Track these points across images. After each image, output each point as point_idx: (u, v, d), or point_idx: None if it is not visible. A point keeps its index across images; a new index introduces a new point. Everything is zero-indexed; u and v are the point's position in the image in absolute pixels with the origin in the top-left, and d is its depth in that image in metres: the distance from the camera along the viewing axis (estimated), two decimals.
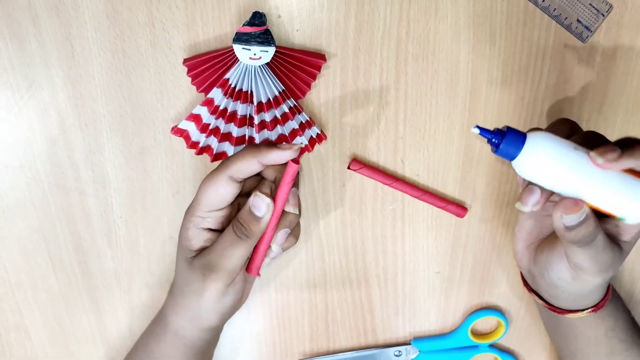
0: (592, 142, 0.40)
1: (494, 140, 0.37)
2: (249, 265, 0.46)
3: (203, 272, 0.45)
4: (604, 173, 0.38)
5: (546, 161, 0.37)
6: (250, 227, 0.44)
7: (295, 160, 0.42)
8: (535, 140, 0.37)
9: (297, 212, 0.46)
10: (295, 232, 0.48)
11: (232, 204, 0.46)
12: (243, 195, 0.47)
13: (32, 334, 0.56)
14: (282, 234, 0.45)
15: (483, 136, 0.38)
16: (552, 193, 0.39)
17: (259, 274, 0.46)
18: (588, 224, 0.39)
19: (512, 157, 0.37)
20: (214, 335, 0.50)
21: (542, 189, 0.39)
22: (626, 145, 0.38)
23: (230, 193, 0.44)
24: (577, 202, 0.39)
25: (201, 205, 0.45)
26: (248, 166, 0.43)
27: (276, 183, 0.46)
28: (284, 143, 0.43)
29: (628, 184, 0.38)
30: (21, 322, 0.55)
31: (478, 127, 0.38)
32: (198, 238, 0.46)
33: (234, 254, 0.44)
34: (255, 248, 0.45)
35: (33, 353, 0.57)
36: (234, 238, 0.44)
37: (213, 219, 0.46)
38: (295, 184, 0.46)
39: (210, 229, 0.46)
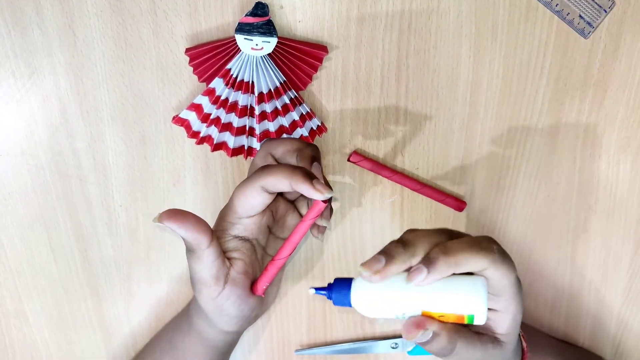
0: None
1: (329, 295, 0.39)
2: (254, 284, 0.46)
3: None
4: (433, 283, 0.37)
5: (373, 301, 0.38)
6: (192, 248, 0.43)
7: (324, 201, 0.41)
8: (356, 286, 0.38)
9: (329, 226, 0.46)
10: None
11: (262, 213, 0.45)
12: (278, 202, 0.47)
13: (31, 320, 0.56)
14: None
15: (320, 294, 0.40)
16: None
17: (262, 294, 0.46)
18: (438, 340, 0.38)
19: (349, 305, 0.39)
20: (235, 337, 0.51)
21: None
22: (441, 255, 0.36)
23: (261, 203, 0.44)
24: (418, 324, 0.37)
25: (231, 211, 0.45)
26: (279, 184, 0.42)
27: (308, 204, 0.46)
28: (321, 182, 0.41)
29: (460, 285, 0.37)
30: (20, 308, 0.56)
31: (313, 288, 0.40)
32: (226, 244, 0.45)
33: (192, 267, 0.44)
34: (265, 270, 0.45)
35: (32, 339, 0.57)
36: (187, 254, 0.44)
37: (243, 226, 0.45)
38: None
39: (238, 236, 0.45)
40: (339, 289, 0.39)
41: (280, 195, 0.48)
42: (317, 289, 0.40)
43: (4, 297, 0.55)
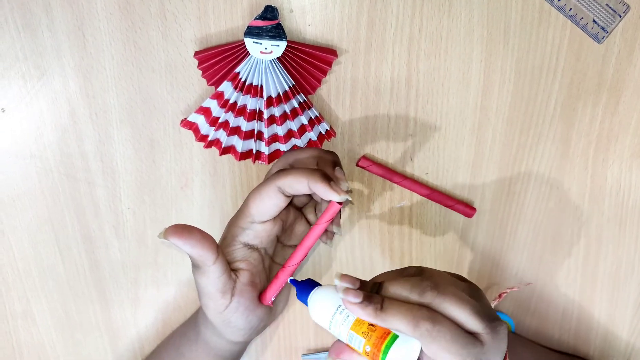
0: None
1: (297, 289, 0.42)
2: (263, 294, 0.46)
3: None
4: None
5: (321, 310, 0.40)
6: (197, 264, 0.43)
7: (339, 202, 0.42)
8: (316, 292, 0.41)
9: (340, 233, 0.47)
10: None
11: (274, 220, 0.45)
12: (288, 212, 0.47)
13: (39, 321, 0.56)
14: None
15: (292, 285, 0.43)
16: None
17: (270, 304, 0.46)
18: None
19: (306, 304, 0.42)
20: (243, 347, 0.51)
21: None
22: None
23: (276, 205, 0.43)
24: (336, 352, 0.39)
25: (244, 215, 0.44)
26: (297, 184, 0.42)
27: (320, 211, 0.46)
28: (339, 183, 0.42)
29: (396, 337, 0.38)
30: (28, 309, 0.56)
31: (291, 280, 0.44)
32: (234, 252, 0.45)
33: (198, 282, 0.44)
34: (275, 277, 0.45)
35: (39, 340, 0.57)
36: (193, 269, 0.44)
37: (253, 233, 0.45)
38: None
39: (247, 244, 0.45)
40: (305, 287, 0.42)
41: (289, 203, 0.47)
42: (292, 280, 0.43)
43: (12, 298, 0.55)
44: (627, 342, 0.58)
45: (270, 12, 0.45)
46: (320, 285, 0.42)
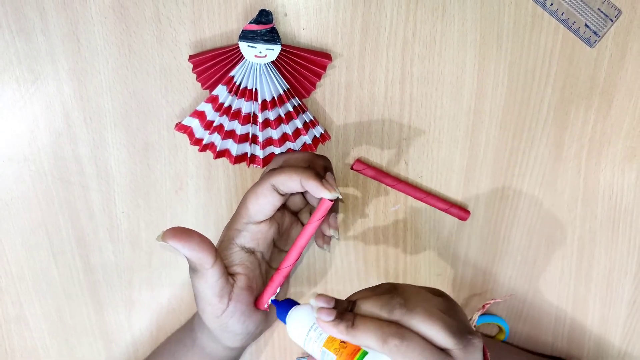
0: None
1: (277, 308, 0.44)
2: (259, 299, 0.46)
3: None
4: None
5: (297, 329, 0.41)
6: (195, 267, 0.43)
7: (331, 200, 0.42)
8: (293, 311, 0.42)
9: (337, 236, 0.47)
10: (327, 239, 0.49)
11: (270, 222, 0.45)
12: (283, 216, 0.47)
13: (32, 325, 0.56)
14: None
15: (273, 304, 0.45)
16: None
17: (266, 308, 0.46)
18: None
19: (284, 322, 0.43)
20: (239, 353, 0.51)
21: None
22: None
23: (271, 203, 0.44)
24: None
25: (240, 216, 0.45)
26: (290, 181, 0.43)
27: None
28: (330, 182, 0.42)
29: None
30: (22, 313, 0.56)
31: (272, 300, 0.45)
32: (231, 256, 0.45)
33: (195, 286, 0.44)
34: (270, 281, 0.45)
35: (33, 344, 0.57)
36: (191, 272, 0.44)
37: (250, 234, 0.45)
38: (334, 208, 0.47)
39: (244, 247, 0.45)
40: (283, 307, 0.43)
41: (284, 207, 0.47)
42: (273, 300, 0.45)
43: (5, 302, 0.55)
44: (620, 347, 0.59)
45: (264, 16, 0.45)
46: (299, 304, 0.43)
